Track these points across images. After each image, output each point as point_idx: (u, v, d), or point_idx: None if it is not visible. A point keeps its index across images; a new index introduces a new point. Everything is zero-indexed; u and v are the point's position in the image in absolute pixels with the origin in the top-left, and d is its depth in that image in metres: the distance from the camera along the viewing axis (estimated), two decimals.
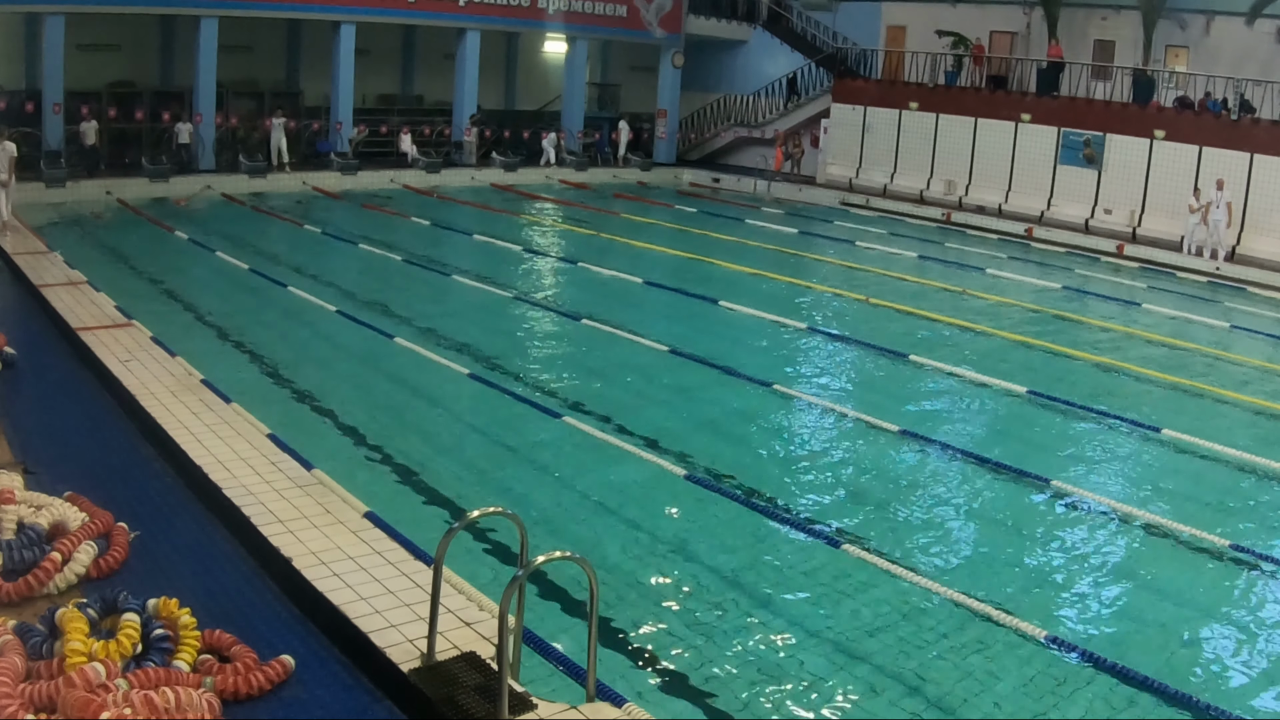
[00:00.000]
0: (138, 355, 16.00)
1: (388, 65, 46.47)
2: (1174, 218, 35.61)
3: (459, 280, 25.22)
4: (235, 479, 11.54)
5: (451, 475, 13.83)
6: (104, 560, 9.43)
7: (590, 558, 8.40)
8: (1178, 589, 11.96)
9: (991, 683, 9.59)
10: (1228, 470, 15.72)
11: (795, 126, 48.94)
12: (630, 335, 20.74)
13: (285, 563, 9.70)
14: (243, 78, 41.03)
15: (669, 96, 50.65)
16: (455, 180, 42.49)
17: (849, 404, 17.86)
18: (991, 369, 19.92)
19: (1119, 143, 37.64)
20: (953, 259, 32.96)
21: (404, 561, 9.93)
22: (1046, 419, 17.76)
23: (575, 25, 47.13)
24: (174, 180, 35.49)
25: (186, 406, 13.83)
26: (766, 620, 10.54)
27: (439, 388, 17.37)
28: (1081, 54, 41.64)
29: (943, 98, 43.13)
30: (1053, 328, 24.43)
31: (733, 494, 13.51)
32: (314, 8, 39.66)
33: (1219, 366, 22.03)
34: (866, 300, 25.64)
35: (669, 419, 16.51)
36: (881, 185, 44.07)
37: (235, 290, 23.33)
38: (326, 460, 12.85)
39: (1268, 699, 9.80)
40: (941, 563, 12.26)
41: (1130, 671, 9.66)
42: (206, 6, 36.78)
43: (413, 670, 8.13)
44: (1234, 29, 38.03)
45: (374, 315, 21.30)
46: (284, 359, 18.16)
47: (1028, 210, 39.53)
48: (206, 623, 8.40)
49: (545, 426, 15.63)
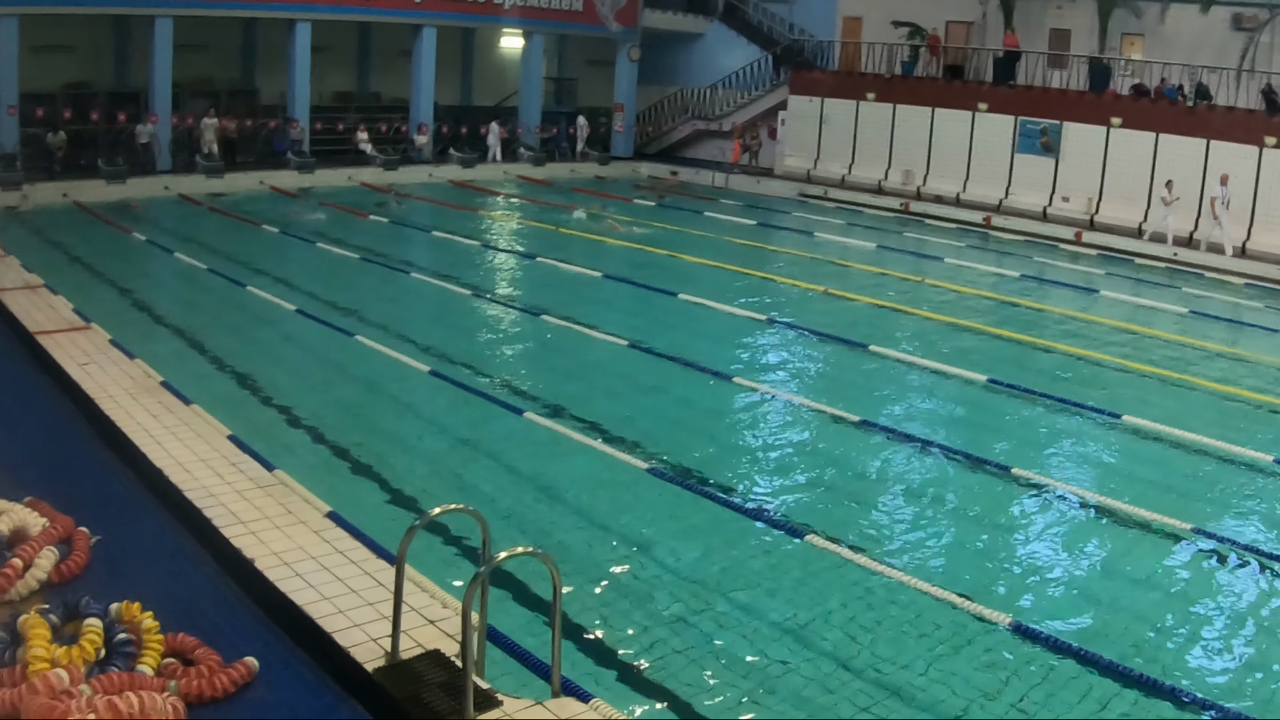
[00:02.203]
0: (96, 358, 15.91)
1: (344, 63, 46.30)
2: (1131, 204, 35.94)
3: (418, 277, 25.16)
4: (196, 481, 11.50)
5: (414, 473, 13.80)
6: (65, 565, 9.36)
7: (553, 553, 8.41)
8: (1140, 573, 12.06)
9: (956, 670, 9.64)
10: (1189, 455, 15.85)
11: (753, 119, 48.99)
12: (590, 330, 20.72)
13: (248, 564, 9.68)
14: (198, 77, 40.72)
15: (626, 90, 50.64)
16: (413, 177, 42.30)
17: (809, 395, 17.92)
18: (951, 358, 20.02)
19: (1076, 131, 37.88)
20: (911, 249, 33.07)
21: (367, 560, 9.92)
22: (1006, 407, 17.86)
23: (531, 20, 47.04)
24: (131, 182, 35.21)
25: (146, 409, 13.77)
26: (731, 613, 10.57)
27: (400, 386, 17.32)
28: (1038, 43, 41.86)
29: (900, 88, 43.27)
30: (1012, 316, 24.57)
31: (695, 487, 13.53)
32: (269, 6, 39.45)
33: (1178, 351, 22.19)
34: (826, 291, 25.68)
35: (630, 413, 16.54)
36: (839, 176, 44.18)
37: (194, 291, 23.22)
38: (288, 460, 12.85)
39: (1231, 680, 9.91)
40: (904, 551, 12.31)
41: (1095, 656, 9.73)
42: (161, 6, 36.49)
43: (377, 669, 8.13)
44: (1189, 16, 38.32)
45: (334, 314, 21.22)
46: (244, 359, 18.07)
47: (986, 199, 39.72)
48: (169, 626, 8.37)
49: (506, 422, 15.63)
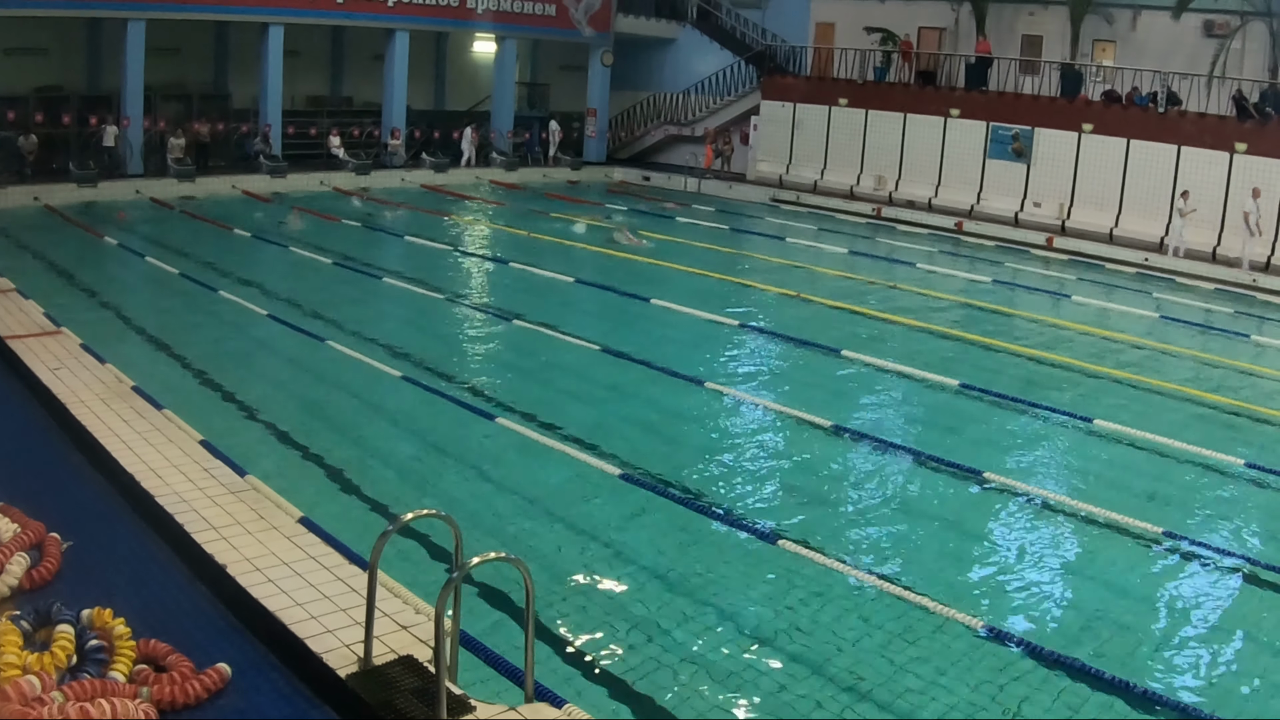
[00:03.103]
0: (67, 363, 15.83)
1: (317, 67, 46.16)
2: (1103, 210, 36.16)
3: (390, 282, 25.12)
4: (168, 486, 11.47)
5: (386, 478, 13.79)
6: (37, 572, 9.32)
7: (526, 558, 8.44)
8: (1112, 577, 12.15)
9: (930, 675, 9.68)
10: (1159, 459, 15.95)
11: (725, 124, 49.08)
12: (562, 335, 20.73)
13: (220, 570, 9.66)
14: (171, 80, 40.62)
15: (599, 95, 50.66)
16: (385, 182, 42.26)
17: (782, 400, 17.96)
18: (923, 363, 20.09)
19: (1048, 136, 38.10)
20: (883, 254, 33.21)
21: (339, 566, 9.91)
22: (979, 412, 17.95)
23: (504, 25, 47.00)
24: (102, 185, 35.12)
25: (118, 414, 13.72)
26: (704, 617, 10.60)
27: (372, 391, 17.29)
28: (1009, 49, 42.01)
29: (872, 94, 43.40)
30: (984, 320, 24.68)
31: (668, 492, 13.55)
32: (242, 9, 39.25)
33: (1149, 356, 22.33)
34: (798, 296, 25.74)
35: (602, 418, 16.58)
36: (812, 181, 44.30)
37: (166, 295, 23.14)
38: (260, 465, 12.81)
39: (1204, 682, 9.99)
40: (877, 556, 12.37)
41: (1068, 659, 9.80)
42: (133, 9, 36.38)
43: (350, 675, 8.13)
44: (1160, 22, 38.51)
45: (306, 319, 21.18)
46: (216, 364, 17.99)
47: (958, 204, 39.89)
48: (142, 632, 8.34)
49: (479, 427, 15.63)
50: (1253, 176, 32.67)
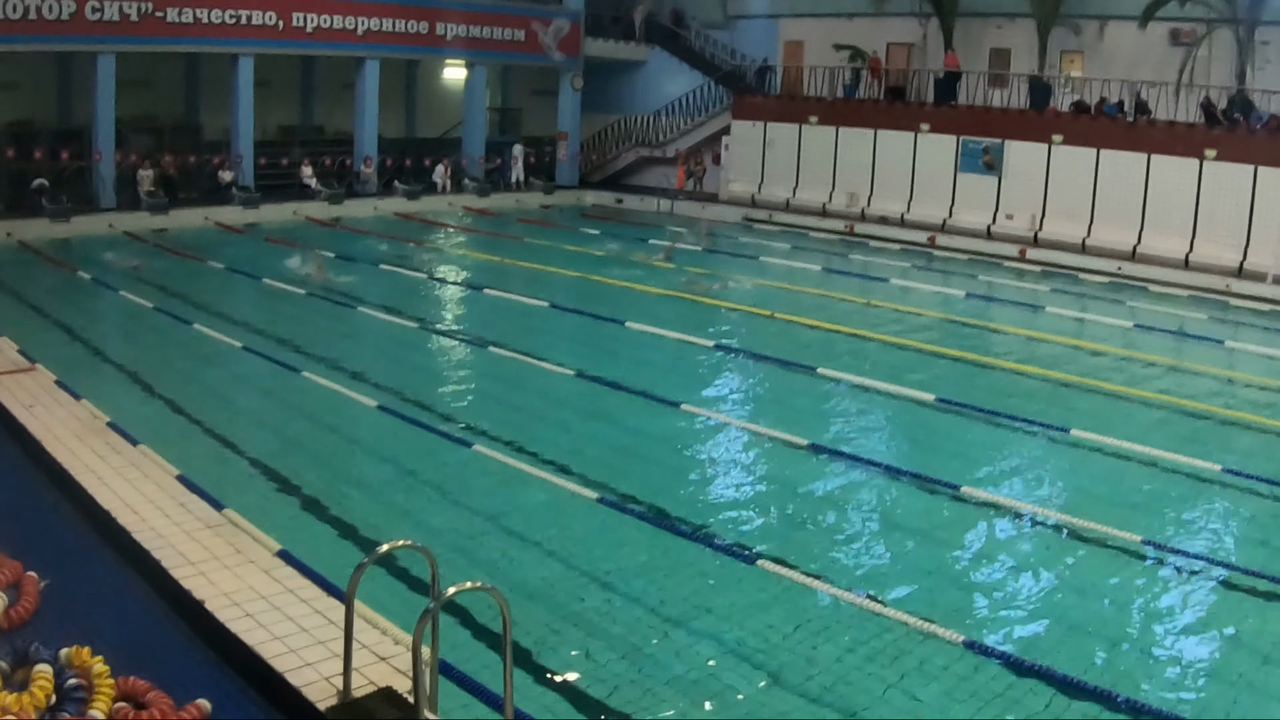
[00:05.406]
0: (42, 400, 15.81)
1: (288, 97, 46.10)
2: (1074, 220, 36.29)
3: (365, 312, 25.09)
4: (145, 522, 11.46)
5: (363, 509, 13.73)
6: (14, 611, 9.30)
7: (504, 585, 8.45)
8: (1092, 586, 12.19)
9: (910, 689, 9.70)
10: (1137, 467, 16.04)
11: (697, 145, 49.23)
12: (537, 361, 20.70)
13: (198, 605, 9.65)
14: (142, 113, 40.56)
15: (570, 119, 50.70)
16: (358, 210, 42.15)
17: (758, 420, 18.01)
18: (899, 378, 20.15)
19: (1018, 148, 38.29)
20: (857, 270, 33.33)
21: (317, 599, 9.91)
22: (955, 425, 18.01)
23: (474, 51, 47.04)
24: (75, 220, 35.02)
25: (93, 450, 13.69)
26: (684, 640, 10.60)
27: (348, 421, 17.27)
28: (978, 63, 42.28)
29: (842, 111, 43.56)
30: (959, 334, 24.77)
31: (645, 515, 13.57)
32: (211, 40, 39.21)
33: (1124, 365, 22.43)
34: (772, 315, 25.80)
35: (578, 443, 16.57)
36: (784, 200, 44.39)
37: (140, 330, 23.07)
38: (237, 499, 12.77)
39: (1187, 690, 10.03)
40: (856, 573, 12.41)
41: (1049, 671, 9.84)
42: (103, 42, 36.30)
43: (330, 708, 8.13)
44: (1127, 32, 38.69)
45: (281, 350, 21.14)
46: (191, 398, 17.90)
47: (930, 219, 40.01)
48: (120, 670, 8.32)
49: (455, 455, 15.64)
50: (1223, 182, 32.93)
